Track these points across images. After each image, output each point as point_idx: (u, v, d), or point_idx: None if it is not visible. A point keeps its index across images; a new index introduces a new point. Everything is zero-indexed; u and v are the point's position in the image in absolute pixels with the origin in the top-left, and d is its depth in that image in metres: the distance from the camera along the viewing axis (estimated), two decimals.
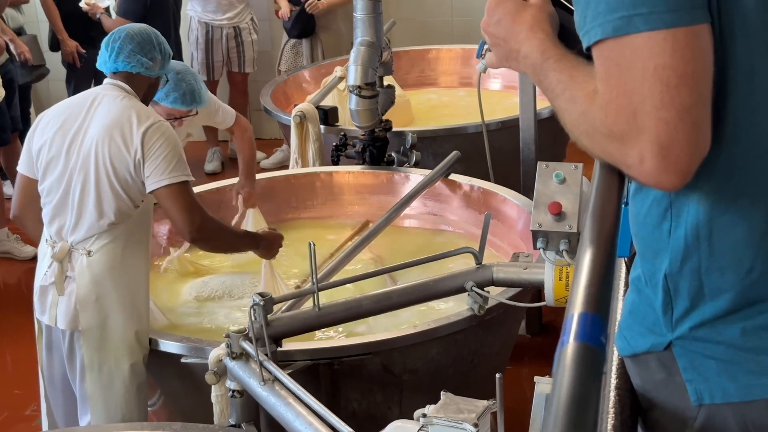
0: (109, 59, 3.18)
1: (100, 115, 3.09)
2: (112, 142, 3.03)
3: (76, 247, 3.07)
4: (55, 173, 3.10)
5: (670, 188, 1.25)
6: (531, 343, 4.45)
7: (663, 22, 1.20)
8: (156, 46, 3.22)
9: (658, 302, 1.41)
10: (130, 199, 3.07)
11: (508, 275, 2.89)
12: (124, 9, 6.04)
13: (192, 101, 3.69)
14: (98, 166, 3.04)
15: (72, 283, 3.06)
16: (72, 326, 3.07)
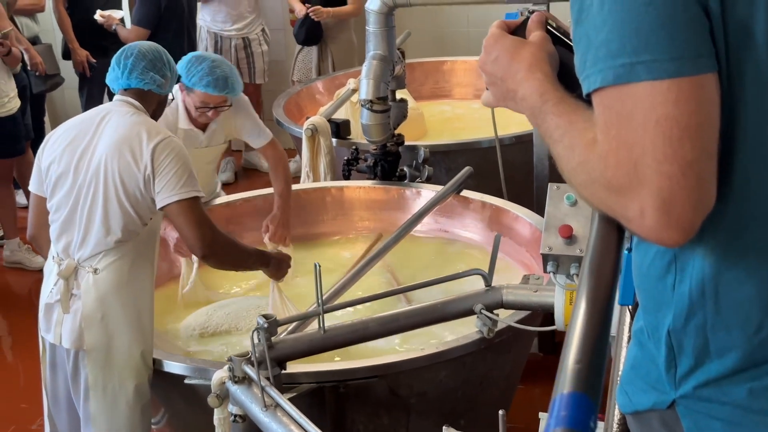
0: (122, 76, 3.16)
1: (110, 131, 3.06)
2: (122, 158, 3.00)
3: (82, 265, 3.03)
4: (64, 190, 3.07)
5: (672, 245, 1.18)
6: (544, 362, 4.38)
7: (666, 71, 1.14)
8: (166, 63, 3.22)
9: (661, 358, 1.34)
10: (139, 217, 3.04)
11: (518, 298, 2.84)
12: (138, 17, 6.03)
13: (224, 87, 3.76)
14: (107, 183, 3.00)
15: (77, 301, 3.03)
16: (77, 345, 3.03)
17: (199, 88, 3.77)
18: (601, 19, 1.18)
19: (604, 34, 1.18)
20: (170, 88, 3.28)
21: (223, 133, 4.13)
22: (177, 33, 6.14)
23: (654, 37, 1.15)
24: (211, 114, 3.88)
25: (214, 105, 3.84)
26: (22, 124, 5.76)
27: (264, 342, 2.50)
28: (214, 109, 3.86)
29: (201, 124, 4.01)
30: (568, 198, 2.49)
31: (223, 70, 3.77)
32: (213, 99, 3.81)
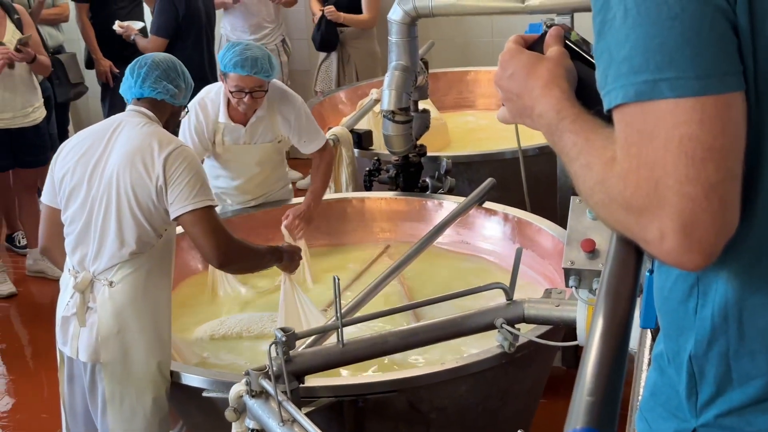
0: (135, 85, 3.15)
1: (122, 142, 3.05)
2: (134, 170, 2.99)
3: (98, 278, 3.02)
4: (77, 202, 3.06)
5: (693, 268, 1.13)
6: (567, 376, 4.33)
7: (691, 89, 1.09)
8: (180, 74, 3.21)
9: (682, 385, 1.30)
10: (153, 228, 3.03)
11: (540, 312, 2.80)
12: (157, 26, 6.03)
13: (253, 67, 3.80)
14: (120, 194, 2.99)
15: (94, 314, 3.01)
16: (93, 358, 3.02)
17: (229, 70, 3.84)
18: (624, 33, 1.14)
19: (627, 49, 1.13)
20: (184, 100, 3.27)
21: (270, 132, 4.11)
22: (195, 42, 6.14)
23: (679, 54, 1.10)
24: (247, 99, 3.89)
25: (248, 89, 3.87)
26: (47, 134, 5.76)
27: (281, 356, 2.47)
28: (250, 95, 3.89)
29: (240, 117, 4.03)
30: (590, 212, 2.45)
31: (254, 53, 3.83)
32: (245, 82, 3.85)
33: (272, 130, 4.10)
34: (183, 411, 3.20)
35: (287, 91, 4.17)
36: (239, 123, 4.05)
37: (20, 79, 5.46)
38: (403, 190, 4.38)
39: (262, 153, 4.16)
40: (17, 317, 5.56)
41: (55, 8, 6.59)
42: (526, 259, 3.45)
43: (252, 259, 3.26)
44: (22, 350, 5.17)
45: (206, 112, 4.02)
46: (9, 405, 4.58)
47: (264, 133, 4.09)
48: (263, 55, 3.86)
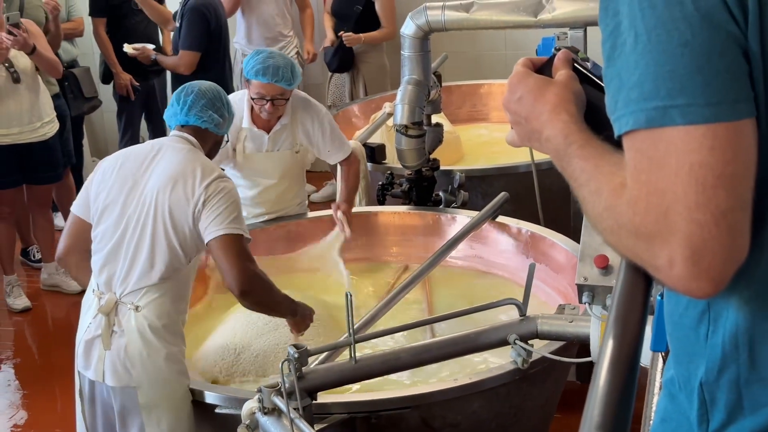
0: (181, 112, 3.19)
1: (163, 164, 3.07)
2: (174, 193, 3.00)
3: (123, 301, 3.01)
4: (110, 220, 3.06)
5: (701, 296, 1.12)
6: (581, 390, 4.28)
7: (702, 117, 1.08)
8: (225, 104, 3.27)
9: (693, 412, 1.28)
10: (184, 254, 3.04)
11: (553, 328, 2.79)
12: (189, 41, 5.97)
13: (274, 76, 3.86)
14: (156, 217, 3.00)
15: (119, 338, 3.00)
16: (124, 382, 3.00)
17: (251, 77, 3.91)
18: (634, 59, 1.13)
19: (637, 75, 1.13)
20: (227, 129, 3.33)
21: (292, 140, 4.14)
22: (222, 55, 6.16)
23: (690, 81, 1.10)
24: (268, 107, 3.95)
25: (269, 97, 3.93)
26: (59, 150, 5.73)
27: (294, 372, 2.47)
28: (270, 102, 3.94)
29: (263, 123, 4.07)
30: None
31: (276, 61, 3.89)
32: (266, 89, 3.92)
33: (294, 138, 4.15)
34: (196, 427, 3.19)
35: (311, 101, 4.23)
36: (263, 129, 4.09)
37: (27, 92, 5.44)
38: (416, 204, 4.37)
39: (280, 161, 4.18)
40: (32, 331, 5.57)
41: (70, 23, 6.60)
42: (540, 273, 3.44)
43: (271, 297, 3.17)
44: (36, 364, 5.18)
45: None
46: (23, 419, 4.59)
47: (285, 140, 4.14)
48: (286, 64, 3.91)
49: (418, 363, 2.81)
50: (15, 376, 5.04)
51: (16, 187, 5.66)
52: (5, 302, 5.73)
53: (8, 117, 5.41)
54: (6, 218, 5.68)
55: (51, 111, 5.65)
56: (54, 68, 5.63)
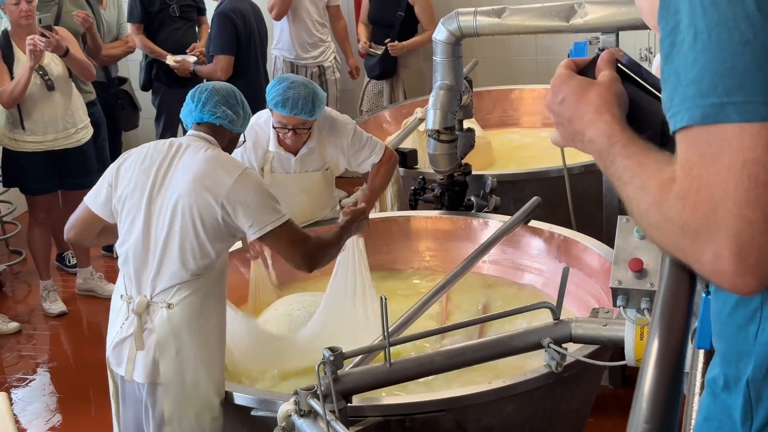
0: (195, 109, 3.21)
1: (184, 165, 3.09)
2: (199, 195, 3.02)
3: (154, 300, 3.05)
4: (134, 220, 3.09)
5: (746, 292, 1.13)
6: (614, 395, 4.31)
7: (759, 114, 1.09)
8: (239, 102, 3.28)
9: (738, 409, 1.29)
10: (215, 250, 3.07)
11: (587, 332, 2.80)
12: (220, 45, 6.05)
13: (293, 108, 3.81)
14: (185, 217, 3.02)
15: (151, 335, 3.04)
16: (151, 379, 3.04)
17: (271, 107, 3.89)
18: (693, 56, 1.14)
19: (695, 73, 1.14)
20: (242, 128, 3.32)
21: (320, 161, 4.12)
22: (254, 60, 6.21)
23: (749, 79, 1.10)
24: (290, 135, 3.92)
25: (291, 126, 3.90)
26: (93, 156, 5.79)
27: (330, 375, 2.49)
28: (293, 131, 3.91)
29: (290, 147, 4.04)
30: (638, 231, 2.44)
31: (297, 92, 3.81)
32: (288, 120, 3.88)
33: (321, 158, 4.12)
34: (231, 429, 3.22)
35: (336, 121, 4.14)
36: (290, 152, 4.07)
37: (61, 99, 5.51)
38: (448, 209, 4.38)
39: (309, 182, 4.17)
40: (67, 336, 5.63)
41: (119, 41, 6.59)
42: (573, 277, 3.44)
43: (332, 250, 3.38)
44: (71, 369, 5.23)
45: (257, 139, 4.06)
46: (59, 423, 4.64)
47: (313, 161, 4.12)
48: (307, 95, 3.82)
49: (453, 366, 2.82)
50: (51, 380, 5.10)
51: (51, 193, 5.73)
52: (41, 307, 5.80)
53: (43, 124, 5.49)
54: (42, 224, 5.76)
55: (85, 117, 5.73)
56: (87, 71, 5.70)
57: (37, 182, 5.62)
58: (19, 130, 5.46)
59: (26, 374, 5.12)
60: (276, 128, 3.94)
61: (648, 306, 2.46)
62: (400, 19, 6.56)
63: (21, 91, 5.29)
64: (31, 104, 5.41)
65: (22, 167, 5.58)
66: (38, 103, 5.43)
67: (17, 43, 5.38)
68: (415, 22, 6.64)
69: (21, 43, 5.34)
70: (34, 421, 4.64)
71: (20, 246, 6.57)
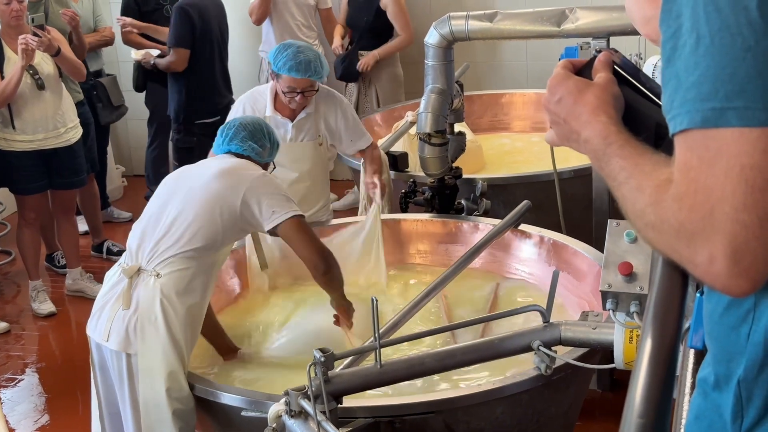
0: (223, 143, 3.43)
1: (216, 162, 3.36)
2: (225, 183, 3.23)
3: (146, 268, 3.16)
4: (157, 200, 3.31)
5: (739, 294, 1.15)
6: (602, 399, 4.33)
7: (758, 120, 1.11)
8: (266, 135, 3.47)
9: (728, 408, 1.31)
10: (224, 235, 3.21)
11: (577, 335, 2.81)
12: (176, 38, 6.08)
13: (306, 71, 4.02)
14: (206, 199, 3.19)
15: (134, 301, 3.13)
16: (124, 347, 3.13)
17: (284, 72, 4.05)
18: (694, 60, 1.16)
19: (696, 77, 1.15)
20: (271, 157, 3.51)
21: (315, 130, 4.27)
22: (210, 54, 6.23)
23: (750, 85, 1.12)
24: (299, 99, 4.11)
25: (300, 89, 4.08)
26: (82, 156, 5.79)
27: (321, 376, 2.50)
28: (302, 94, 4.10)
29: (288, 112, 4.21)
30: (628, 235, 2.46)
31: (306, 56, 4.04)
32: (298, 83, 4.07)
33: (316, 128, 4.28)
34: (220, 430, 3.22)
35: (334, 93, 4.40)
36: (287, 118, 4.22)
37: (51, 98, 5.51)
38: (438, 212, 4.40)
39: (304, 152, 4.29)
40: (56, 336, 5.62)
41: (97, 33, 6.65)
42: (562, 281, 3.45)
43: (340, 275, 3.37)
44: (60, 369, 5.22)
45: (254, 105, 4.24)
46: (47, 422, 4.64)
47: (309, 130, 4.26)
48: (315, 57, 4.06)
49: (443, 368, 2.83)
50: (39, 381, 5.10)
51: (41, 193, 5.72)
52: (30, 307, 5.79)
53: (33, 123, 5.48)
54: (31, 224, 5.75)
55: (74, 117, 5.73)
56: (78, 71, 5.71)
57: (27, 182, 5.61)
58: (9, 129, 5.45)
59: (15, 374, 5.11)
60: (285, 93, 4.11)
61: (637, 309, 2.47)
62: (368, 23, 6.56)
63: (12, 91, 5.29)
64: (21, 103, 5.41)
65: (12, 167, 5.57)
66: (29, 102, 5.43)
67: (7, 43, 5.38)
68: (391, 27, 6.61)
69: (11, 42, 5.35)
70: (22, 421, 4.63)
71: (9, 246, 6.56)
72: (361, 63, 6.52)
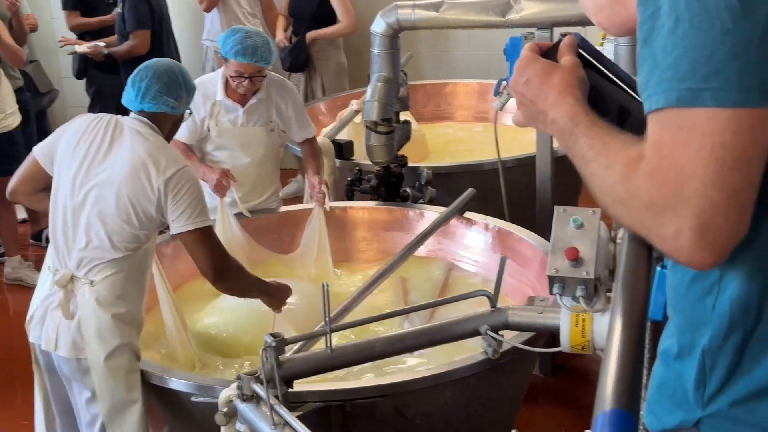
0: (135, 99, 3.19)
1: (124, 150, 3.09)
2: (136, 182, 3.05)
3: (77, 276, 3.08)
4: (69, 196, 3.10)
5: (702, 267, 1.20)
6: (544, 384, 4.40)
7: (732, 101, 1.16)
8: (182, 84, 3.23)
9: (691, 377, 1.35)
10: (144, 235, 3.11)
11: (523, 319, 2.85)
12: (137, 21, 6.01)
13: (253, 56, 4.03)
14: (119, 200, 3.05)
15: (74, 311, 3.08)
16: (74, 353, 3.08)
17: (231, 57, 4.06)
18: (672, 41, 1.20)
19: (673, 57, 1.20)
20: (186, 106, 3.31)
21: (266, 117, 4.27)
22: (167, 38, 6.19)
23: (726, 67, 1.17)
24: (246, 84, 4.10)
25: (248, 74, 4.08)
26: (21, 143, 5.70)
27: (273, 360, 2.51)
28: (249, 80, 4.09)
29: (239, 97, 4.21)
30: (574, 221, 2.50)
31: (254, 41, 4.04)
32: (245, 68, 4.07)
33: (267, 114, 4.27)
34: (170, 415, 3.22)
35: (285, 81, 4.44)
36: (238, 103, 4.21)
37: None
38: (384, 200, 4.43)
39: (255, 137, 4.27)
40: None
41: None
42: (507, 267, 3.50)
43: (243, 281, 3.30)
44: None
45: (205, 93, 4.18)
46: None
47: (260, 115, 4.26)
48: (263, 43, 4.05)
49: (393, 352, 2.86)
50: None
51: None
52: None
53: None
54: None
55: (13, 103, 5.65)
56: (18, 58, 5.66)
57: None
58: None
59: None
60: (233, 77, 4.11)
61: (583, 294, 2.52)
62: (312, 12, 6.56)
63: None
64: None
65: None
66: None
67: None
68: (335, 15, 6.60)
69: None
70: None
71: None
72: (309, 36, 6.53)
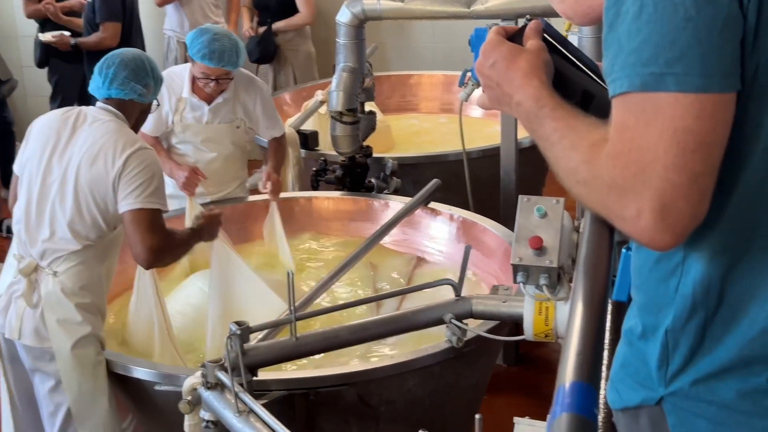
0: (102, 85, 3.17)
1: (85, 137, 3.08)
2: (95, 168, 3.03)
3: (42, 266, 3.06)
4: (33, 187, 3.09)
5: (662, 248, 1.23)
6: (507, 373, 4.43)
7: (694, 86, 1.19)
8: (150, 72, 3.22)
9: (654, 356, 1.38)
10: (106, 224, 3.09)
11: (488, 308, 2.87)
12: (108, 12, 5.96)
13: (220, 60, 3.93)
14: (78, 190, 3.03)
15: (37, 301, 3.06)
16: (38, 343, 3.06)
17: (197, 59, 3.96)
18: (637, 27, 1.22)
19: (637, 43, 1.22)
20: (154, 96, 3.29)
21: (232, 113, 4.20)
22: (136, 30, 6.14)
23: (689, 52, 1.19)
24: (213, 86, 4.04)
25: (215, 77, 4.01)
26: None
27: (237, 348, 2.51)
28: (216, 81, 4.02)
29: (205, 95, 4.14)
30: (538, 210, 2.52)
31: (221, 44, 3.92)
32: (212, 71, 3.99)
33: (234, 111, 4.21)
34: (134, 405, 3.21)
35: (254, 79, 4.33)
36: (204, 101, 4.14)
37: None
38: (349, 190, 4.43)
39: (220, 133, 4.22)
40: None
41: None
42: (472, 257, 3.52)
43: (179, 251, 3.30)
44: None
45: (171, 86, 4.11)
46: None
47: (226, 113, 4.20)
48: (231, 46, 3.95)
49: (357, 341, 2.87)
50: None
51: None
52: None
53: None
54: None
55: None
56: None
57: None
58: None
59: None
60: (199, 78, 4.03)
61: (546, 282, 2.54)
62: (278, 4, 6.56)
63: None
64: None
65: None
66: None
67: None
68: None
69: None
70: None
71: None
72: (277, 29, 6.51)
